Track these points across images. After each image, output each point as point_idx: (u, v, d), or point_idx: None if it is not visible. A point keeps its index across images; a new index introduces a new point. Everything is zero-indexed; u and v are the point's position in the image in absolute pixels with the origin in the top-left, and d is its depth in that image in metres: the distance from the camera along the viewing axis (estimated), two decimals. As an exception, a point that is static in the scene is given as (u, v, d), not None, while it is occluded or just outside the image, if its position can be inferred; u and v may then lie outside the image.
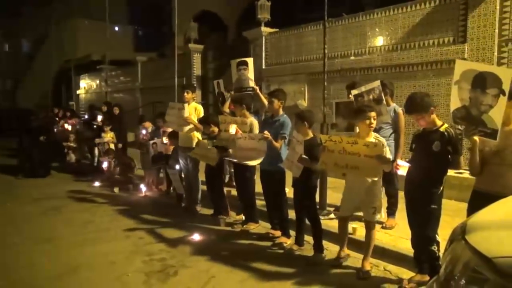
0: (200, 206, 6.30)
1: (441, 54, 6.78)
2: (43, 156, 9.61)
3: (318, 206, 4.90)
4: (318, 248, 4.29)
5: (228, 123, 5.15)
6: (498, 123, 3.01)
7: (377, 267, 3.96)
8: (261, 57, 10.29)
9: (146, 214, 6.11)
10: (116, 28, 26.72)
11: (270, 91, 5.29)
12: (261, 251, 4.58)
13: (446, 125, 3.39)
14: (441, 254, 3.14)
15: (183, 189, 6.53)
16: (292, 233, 4.70)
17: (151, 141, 7.26)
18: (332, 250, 4.38)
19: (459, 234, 2.17)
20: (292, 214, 4.69)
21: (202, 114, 6.26)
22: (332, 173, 5.42)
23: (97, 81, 20.44)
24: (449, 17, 6.78)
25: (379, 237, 4.37)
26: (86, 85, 21.99)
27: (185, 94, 6.18)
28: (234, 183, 6.13)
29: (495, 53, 6.16)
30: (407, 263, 3.85)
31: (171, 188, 7.19)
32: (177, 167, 6.45)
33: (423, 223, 3.43)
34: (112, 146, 9.07)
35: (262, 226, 5.30)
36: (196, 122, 6.02)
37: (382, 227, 4.76)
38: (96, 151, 9.82)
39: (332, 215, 5.30)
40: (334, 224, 4.87)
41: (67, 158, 11.01)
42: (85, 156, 10.99)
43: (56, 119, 12.90)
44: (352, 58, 8.25)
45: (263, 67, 10.28)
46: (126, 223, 5.71)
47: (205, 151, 5.67)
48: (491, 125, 3.04)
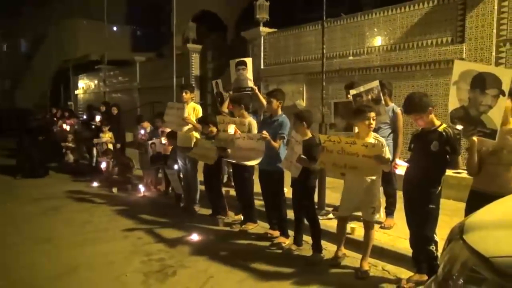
0: (198, 206, 6.30)
1: (439, 54, 6.79)
2: (41, 156, 9.59)
3: (316, 206, 4.90)
4: (316, 248, 4.29)
5: (227, 123, 5.15)
6: (498, 123, 3.01)
7: (375, 267, 3.97)
8: (259, 57, 10.28)
9: (145, 214, 6.11)
10: (114, 28, 26.69)
11: (268, 91, 5.29)
12: (260, 251, 4.58)
13: (444, 125, 3.40)
14: (439, 254, 3.14)
15: (181, 189, 6.53)
16: (291, 233, 4.70)
17: (149, 141, 7.26)
18: (330, 250, 4.38)
19: (457, 233, 2.18)
20: (290, 214, 4.69)
21: (200, 114, 6.26)
22: (331, 173, 5.42)
23: (96, 81, 20.41)
24: (447, 17, 6.79)
25: (378, 237, 4.38)
26: (84, 85, 21.96)
27: (184, 94, 6.18)
28: (233, 183, 6.14)
29: (493, 53, 6.17)
30: (406, 263, 3.86)
31: (170, 188, 7.19)
32: (175, 167, 6.45)
33: (421, 223, 3.44)
34: (110, 146, 9.07)
35: (260, 226, 5.30)
36: (195, 122, 6.02)
37: (381, 227, 4.76)
38: (95, 151, 9.81)
39: (330, 215, 5.31)
40: (332, 224, 4.88)
41: (65, 158, 11.03)
42: (83, 156, 10.99)
43: (55, 119, 12.88)
44: (351, 58, 8.25)
45: (262, 67, 10.28)
46: (125, 223, 5.71)
47: (204, 150, 5.66)
48: (490, 125, 3.04)
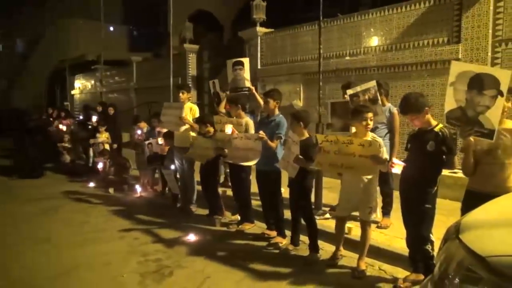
0: (195, 206, 6.29)
1: (435, 54, 6.81)
2: (38, 157, 9.55)
3: (313, 206, 4.90)
4: (313, 248, 4.30)
5: (224, 123, 5.14)
6: (495, 123, 3.03)
7: (372, 267, 3.97)
8: (256, 57, 10.28)
9: (142, 214, 6.09)
10: (111, 28, 26.60)
11: (265, 91, 5.29)
12: (257, 251, 4.58)
13: (441, 125, 3.41)
14: (435, 253, 3.15)
15: (178, 189, 6.52)
16: (288, 233, 4.70)
17: (146, 142, 7.25)
18: (327, 250, 4.38)
19: (453, 233, 2.18)
20: (287, 214, 4.69)
21: (197, 114, 6.25)
22: (328, 173, 5.43)
23: (92, 81, 20.33)
24: (443, 17, 6.81)
25: (374, 236, 4.39)
26: (80, 85, 21.87)
27: (181, 94, 6.17)
28: (230, 183, 6.13)
29: (489, 54, 6.19)
30: (402, 263, 3.86)
31: (166, 188, 7.18)
32: (172, 167, 6.44)
33: (418, 222, 3.45)
34: (107, 146, 9.04)
35: (257, 226, 5.30)
36: (192, 122, 6.01)
37: (377, 227, 4.77)
38: (91, 152, 9.78)
39: (327, 215, 5.31)
40: (329, 224, 4.89)
41: (61, 159, 10.97)
42: (80, 156, 10.94)
43: (51, 119, 12.82)
44: (348, 58, 8.26)
45: (259, 67, 10.27)
46: (122, 223, 5.69)
47: (201, 149, 5.65)
48: (487, 125, 3.05)
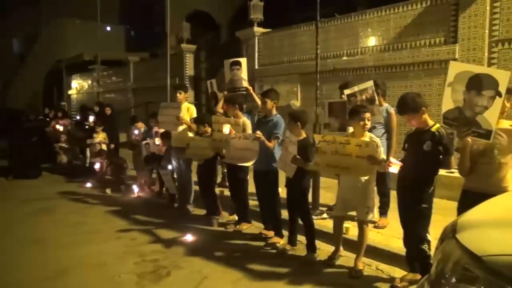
0: (192, 206, 6.28)
1: (432, 54, 6.83)
2: (34, 157, 9.51)
3: (311, 206, 4.90)
4: (310, 247, 4.30)
5: (221, 124, 5.14)
6: (493, 124, 3.04)
7: (369, 266, 3.98)
8: (253, 57, 10.28)
9: (139, 215, 6.08)
10: (108, 28, 26.57)
11: (263, 91, 5.29)
12: (254, 251, 4.58)
13: (437, 125, 3.41)
14: (432, 253, 3.16)
15: (175, 189, 6.51)
16: (285, 233, 4.71)
17: (143, 142, 7.23)
18: (324, 250, 4.39)
19: (450, 232, 2.19)
20: (285, 214, 4.70)
21: (194, 114, 6.25)
22: (325, 174, 5.43)
23: (89, 81, 20.30)
24: (440, 17, 6.82)
25: (372, 236, 4.39)
26: (77, 85, 21.83)
27: (178, 94, 6.17)
28: (227, 184, 6.13)
29: (486, 54, 6.21)
30: (399, 262, 3.87)
31: (164, 188, 7.17)
32: (169, 167, 6.43)
33: (414, 222, 3.45)
34: (104, 146, 9.01)
35: (255, 226, 5.30)
36: (189, 122, 6.01)
37: (375, 227, 4.77)
38: (88, 152, 9.75)
39: (324, 215, 5.31)
40: (326, 224, 4.90)
41: (57, 159, 10.92)
42: (77, 157, 10.91)
43: (47, 120, 12.78)
44: (345, 58, 8.28)
45: (256, 67, 10.27)
46: (119, 224, 5.68)
47: (198, 149, 5.65)
48: (485, 125, 3.06)
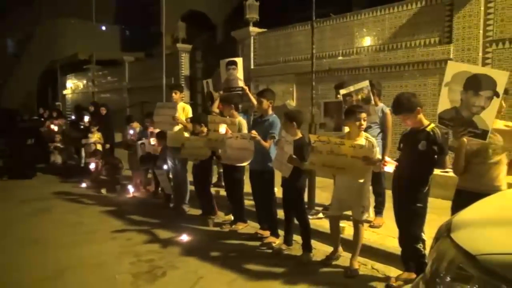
0: (188, 206, 6.27)
1: (427, 54, 6.86)
2: (34, 157, 9.47)
3: (306, 206, 4.91)
4: (306, 247, 4.30)
5: (217, 123, 5.13)
6: (490, 124, 3.05)
7: (365, 266, 3.99)
8: (249, 57, 10.27)
9: (134, 215, 6.06)
10: (103, 28, 26.48)
11: (259, 91, 5.29)
12: (250, 251, 4.58)
13: (432, 124, 3.42)
14: (427, 252, 3.18)
15: (171, 189, 6.49)
16: (281, 232, 4.71)
17: (139, 142, 7.21)
18: (320, 250, 4.40)
19: (445, 232, 2.20)
20: (280, 214, 4.70)
21: (190, 114, 6.23)
22: (321, 173, 5.44)
23: (84, 81, 20.20)
24: (435, 18, 6.85)
25: (367, 235, 4.40)
26: (72, 85, 21.71)
27: (173, 94, 6.16)
28: (223, 183, 6.12)
29: (480, 54, 6.24)
30: (395, 261, 3.88)
31: (159, 188, 7.15)
32: (165, 167, 6.41)
33: (410, 221, 3.47)
34: (99, 146, 8.98)
35: (250, 226, 5.30)
36: (185, 121, 6.00)
37: (370, 226, 4.79)
38: (83, 152, 9.71)
39: (320, 215, 5.32)
40: (322, 223, 4.91)
41: (51, 159, 10.82)
42: (72, 157, 10.85)
43: (42, 120, 12.71)
44: (340, 58, 8.29)
45: (252, 67, 10.27)
46: (114, 224, 5.66)
47: (193, 149, 5.64)
48: (481, 126, 3.07)
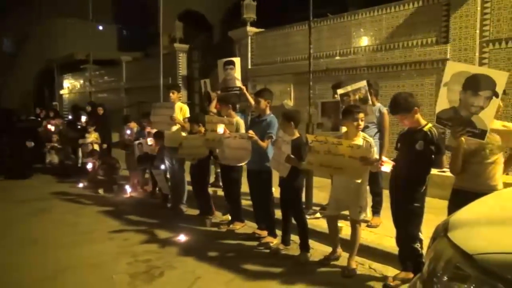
0: (186, 206, 6.26)
1: (424, 54, 6.88)
2: (26, 158, 9.43)
3: (304, 206, 4.91)
4: (304, 247, 4.30)
5: (215, 123, 5.13)
6: (488, 124, 3.06)
7: (362, 265, 3.99)
8: (246, 57, 10.27)
9: (131, 215, 6.05)
10: (100, 28, 26.40)
11: (256, 91, 5.29)
12: (248, 251, 4.58)
13: (430, 124, 3.43)
14: (424, 252, 3.18)
15: (168, 189, 6.48)
16: (279, 232, 4.71)
17: (136, 142, 7.20)
18: (318, 249, 4.40)
19: (442, 231, 2.20)
20: (278, 214, 4.70)
21: (187, 114, 6.23)
22: (318, 173, 5.44)
23: (81, 81, 20.14)
24: (432, 18, 6.87)
25: (364, 235, 4.41)
26: (69, 85, 21.65)
27: (171, 94, 6.15)
28: (221, 183, 6.12)
29: (477, 54, 6.27)
30: (392, 261, 3.89)
31: (157, 188, 7.14)
32: (162, 167, 6.41)
33: (407, 221, 3.47)
34: (96, 146, 8.96)
35: (248, 226, 5.29)
36: (182, 121, 5.99)
37: (368, 226, 4.80)
38: (80, 152, 9.68)
39: (318, 215, 5.32)
40: (320, 223, 4.91)
41: (47, 159, 10.75)
42: (69, 157, 10.81)
43: (39, 119, 12.67)
44: (338, 58, 8.31)
45: (249, 67, 10.27)
46: (111, 224, 5.65)
47: (191, 149, 5.63)
48: (480, 125, 3.07)
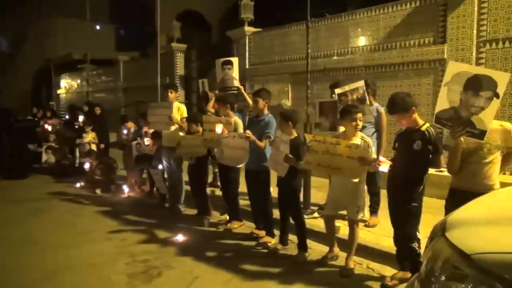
0: (183, 206, 6.26)
1: (421, 54, 6.89)
2: (23, 157, 9.40)
3: (302, 205, 4.92)
4: (302, 247, 4.31)
5: (213, 123, 5.12)
6: (488, 124, 3.07)
7: (360, 265, 4.00)
8: (244, 56, 10.27)
9: (129, 215, 6.04)
10: (97, 27, 26.31)
11: (254, 91, 5.29)
12: (246, 251, 4.58)
13: (427, 124, 3.44)
14: (422, 251, 3.19)
15: (166, 189, 6.48)
16: (277, 232, 4.71)
17: (134, 142, 7.19)
18: (316, 249, 4.41)
19: (439, 231, 2.20)
20: (276, 214, 4.70)
21: (185, 114, 6.22)
22: (317, 173, 5.45)
23: (78, 81, 20.08)
24: (429, 18, 6.88)
25: (362, 235, 4.42)
26: (66, 85, 21.57)
27: (169, 93, 6.14)
28: (219, 183, 6.12)
29: (474, 54, 6.28)
30: (390, 261, 3.89)
31: (154, 188, 7.13)
32: (160, 167, 6.40)
33: (405, 221, 3.48)
34: (93, 146, 8.94)
35: (246, 226, 5.30)
36: (180, 121, 5.99)
37: (365, 226, 4.80)
38: (77, 152, 9.65)
39: (316, 214, 5.33)
40: (318, 223, 4.92)
41: (43, 159, 10.68)
42: (66, 157, 10.77)
43: (36, 119, 12.63)
44: (335, 58, 8.31)
45: (247, 66, 10.27)
46: (109, 224, 5.64)
47: (189, 148, 5.63)
48: (480, 126, 3.08)
